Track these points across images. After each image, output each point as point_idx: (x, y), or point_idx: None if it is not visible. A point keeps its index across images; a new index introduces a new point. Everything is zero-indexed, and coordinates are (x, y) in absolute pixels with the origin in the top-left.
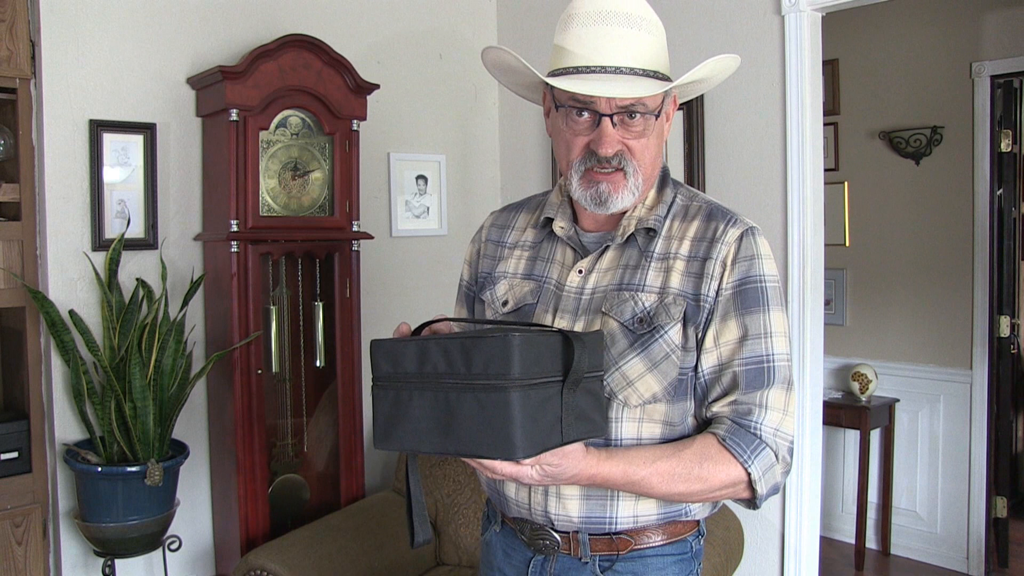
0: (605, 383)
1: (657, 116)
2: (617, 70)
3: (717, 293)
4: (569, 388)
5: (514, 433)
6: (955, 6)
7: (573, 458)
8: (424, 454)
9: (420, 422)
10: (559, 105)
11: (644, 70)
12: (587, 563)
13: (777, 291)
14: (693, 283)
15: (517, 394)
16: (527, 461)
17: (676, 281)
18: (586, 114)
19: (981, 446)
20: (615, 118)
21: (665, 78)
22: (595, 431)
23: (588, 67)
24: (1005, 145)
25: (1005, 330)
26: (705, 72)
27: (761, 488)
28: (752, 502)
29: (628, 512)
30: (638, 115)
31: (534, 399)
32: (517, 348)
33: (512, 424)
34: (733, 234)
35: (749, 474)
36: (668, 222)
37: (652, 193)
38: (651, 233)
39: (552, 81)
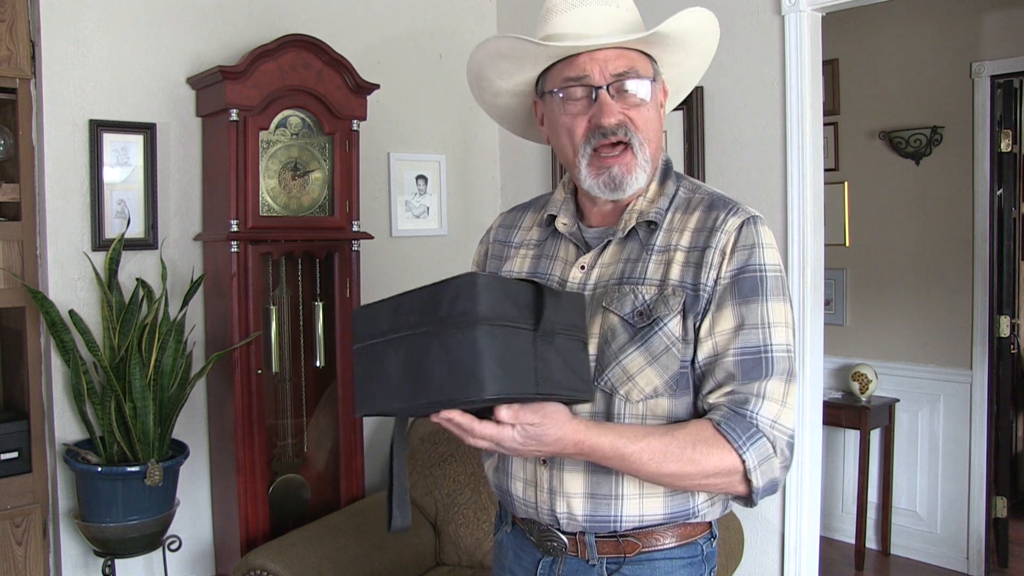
0: (606, 378)
1: (653, 82)
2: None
3: (715, 282)
4: (543, 338)
5: (481, 369)
6: (955, 6)
7: (556, 419)
8: (400, 414)
9: (392, 379)
10: (553, 92)
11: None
12: (594, 565)
13: (778, 280)
14: (692, 273)
15: (483, 331)
16: (505, 417)
17: (676, 273)
18: (580, 91)
19: (981, 446)
20: (611, 88)
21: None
22: (578, 395)
23: (576, 46)
24: (1005, 145)
25: (1005, 330)
26: (682, 24)
27: (757, 480)
28: (749, 498)
29: (634, 511)
30: (632, 82)
31: (503, 341)
32: (482, 284)
33: (479, 360)
34: (734, 223)
35: (744, 462)
36: (670, 215)
37: (654, 186)
38: (652, 226)
39: (549, 45)
